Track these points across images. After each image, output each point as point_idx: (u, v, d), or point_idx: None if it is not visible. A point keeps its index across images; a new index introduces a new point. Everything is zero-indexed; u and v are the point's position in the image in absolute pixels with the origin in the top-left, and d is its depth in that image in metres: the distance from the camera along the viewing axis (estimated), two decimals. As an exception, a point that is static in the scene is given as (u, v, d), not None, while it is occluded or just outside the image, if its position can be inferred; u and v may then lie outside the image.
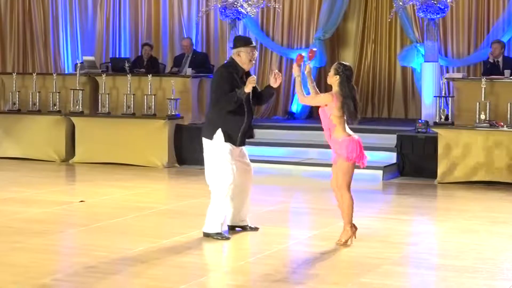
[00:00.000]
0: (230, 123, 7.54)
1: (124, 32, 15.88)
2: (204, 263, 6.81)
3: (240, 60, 7.60)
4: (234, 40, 7.81)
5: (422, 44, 12.97)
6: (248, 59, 7.58)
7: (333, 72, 7.29)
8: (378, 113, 14.86)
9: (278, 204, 9.69)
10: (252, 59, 7.62)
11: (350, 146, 7.29)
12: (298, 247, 7.47)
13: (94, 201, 9.60)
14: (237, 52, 7.61)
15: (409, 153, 11.79)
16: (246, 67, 7.63)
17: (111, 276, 6.31)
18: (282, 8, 14.30)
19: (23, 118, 13.57)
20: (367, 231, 8.00)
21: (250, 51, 7.59)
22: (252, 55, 7.59)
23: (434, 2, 12.16)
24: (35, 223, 8.32)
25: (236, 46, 7.67)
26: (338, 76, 7.25)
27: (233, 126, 7.54)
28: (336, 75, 7.26)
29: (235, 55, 7.63)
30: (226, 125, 7.54)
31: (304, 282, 6.27)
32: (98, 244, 7.37)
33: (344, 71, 7.26)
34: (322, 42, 14.08)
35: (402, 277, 6.54)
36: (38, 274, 6.31)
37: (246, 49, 7.58)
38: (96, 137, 12.97)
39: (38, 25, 16.28)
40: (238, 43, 7.68)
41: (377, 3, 14.82)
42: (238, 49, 7.61)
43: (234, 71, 7.58)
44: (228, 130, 7.52)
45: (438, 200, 10.38)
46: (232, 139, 7.53)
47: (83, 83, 13.60)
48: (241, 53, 7.58)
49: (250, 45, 7.62)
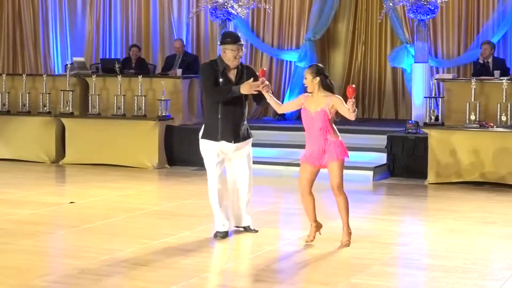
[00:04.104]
0: (211, 119, 7.56)
1: (115, 33, 15.86)
2: (194, 264, 6.80)
3: (225, 56, 7.57)
4: (221, 36, 7.76)
5: (412, 45, 13.00)
6: (233, 56, 7.53)
7: (311, 77, 7.27)
8: (368, 113, 14.88)
9: (269, 204, 9.70)
10: (237, 57, 7.54)
11: (343, 146, 7.42)
12: (288, 248, 7.47)
13: (85, 202, 9.58)
14: (223, 48, 7.60)
15: (399, 154, 11.82)
16: (231, 64, 7.56)
17: (102, 278, 6.30)
18: (272, 9, 14.31)
19: (13, 119, 13.54)
20: (357, 232, 8.01)
21: (236, 48, 7.52)
22: (237, 53, 7.52)
23: (424, 3, 12.19)
24: (25, 224, 8.30)
25: (222, 42, 7.66)
26: (318, 78, 7.26)
27: (213, 122, 7.56)
28: (316, 77, 7.26)
29: (222, 51, 7.64)
30: (207, 121, 7.62)
31: (294, 282, 6.28)
32: (89, 245, 7.36)
33: (320, 70, 7.30)
34: (313, 43, 14.09)
35: (392, 278, 6.55)
36: (29, 276, 6.30)
37: (231, 47, 7.52)
38: (87, 138, 12.95)
39: (28, 26, 16.25)
40: (224, 39, 7.63)
41: (367, 4, 14.85)
42: (224, 46, 7.59)
43: (215, 65, 7.57)
44: (208, 126, 7.57)
45: (428, 201, 10.41)
46: (210, 135, 7.55)
47: (73, 84, 13.58)
48: (227, 50, 7.55)
49: (235, 43, 7.53)
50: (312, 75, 7.25)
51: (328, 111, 7.26)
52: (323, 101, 7.25)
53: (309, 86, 7.29)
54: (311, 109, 7.30)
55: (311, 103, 7.31)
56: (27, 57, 16.31)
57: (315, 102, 7.29)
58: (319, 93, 7.28)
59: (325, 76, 7.30)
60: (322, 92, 7.28)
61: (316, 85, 7.26)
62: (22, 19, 16.28)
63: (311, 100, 7.32)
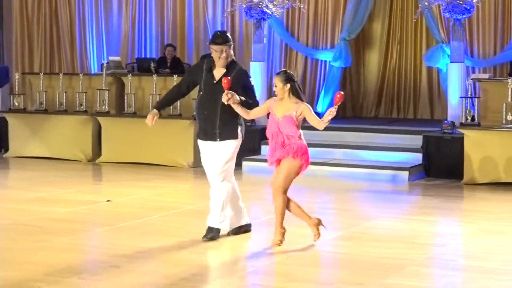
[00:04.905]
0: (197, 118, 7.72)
1: (150, 32, 15.94)
2: (228, 263, 6.82)
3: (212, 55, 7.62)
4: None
5: (448, 44, 12.91)
6: (217, 56, 7.52)
7: (281, 84, 7.28)
8: (403, 114, 14.82)
9: (303, 204, 9.67)
10: (221, 57, 7.50)
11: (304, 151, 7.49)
12: (323, 248, 7.46)
13: (120, 201, 9.65)
14: (210, 48, 7.64)
15: (435, 154, 11.75)
16: (217, 63, 7.56)
17: (137, 275, 6.34)
18: (307, 8, 14.28)
19: (50, 118, 13.66)
20: (392, 232, 8.00)
21: (218, 49, 7.49)
22: (220, 53, 7.49)
23: (460, 2, 12.10)
24: (62, 222, 8.39)
25: (209, 41, 7.71)
26: (289, 84, 7.28)
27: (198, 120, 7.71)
28: (287, 84, 7.27)
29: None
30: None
31: (329, 282, 6.28)
32: (123, 243, 7.41)
33: (290, 77, 7.31)
34: (347, 43, 14.05)
35: (428, 279, 6.52)
36: (65, 273, 6.37)
37: (214, 47, 7.52)
38: (122, 137, 13.04)
39: (64, 25, 16.38)
40: (211, 39, 7.66)
41: (403, 4, 14.78)
42: (210, 46, 7.64)
43: (204, 63, 7.64)
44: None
45: (464, 201, 10.34)
46: (198, 133, 7.68)
47: (109, 83, 13.67)
48: (212, 50, 7.57)
49: (216, 44, 7.50)
50: (282, 82, 7.29)
51: (294, 117, 7.26)
52: (291, 108, 7.28)
53: (279, 93, 7.31)
54: (278, 114, 7.31)
55: (279, 108, 7.33)
56: (64, 56, 16.44)
57: (283, 108, 7.31)
58: (289, 99, 7.31)
59: (294, 82, 7.33)
60: (292, 98, 7.31)
61: (286, 92, 7.29)
62: (59, 18, 16.41)
63: (279, 105, 7.34)
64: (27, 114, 13.95)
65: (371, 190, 10.86)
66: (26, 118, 13.84)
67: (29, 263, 6.66)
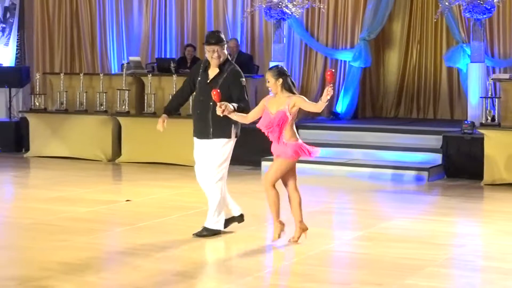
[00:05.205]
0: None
1: (170, 33, 15.98)
2: (248, 264, 6.83)
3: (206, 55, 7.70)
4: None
5: (468, 44, 12.86)
6: (210, 56, 7.61)
7: (273, 79, 7.30)
8: (423, 114, 14.78)
9: (322, 204, 9.70)
10: (214, 57, 7.57)
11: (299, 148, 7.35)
12: (342, 248, 7.47)
13: (140, 201, 9.69)
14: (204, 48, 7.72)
15: (454, 154, 11.71)
16: (211, 63, 7.65)
17: (155, 275, 6.37)
18: (327, 8, 14.27)
19: (70, 118, 13.74)
20: (411, 233, 7.98)
21: (210, 49, 7.57)
22: (212, 53, 7.57)
23: (480, 2, 12.05)
24: (81, 221, 8.43)
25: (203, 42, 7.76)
26: (281, 79, 7.30)
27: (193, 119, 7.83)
28: (279, 79, 7.29)
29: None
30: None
31: (347, 283, 6.28)
32: (143, 243, 7.44)
33: (282, 71, 7.34)
34: (367, 43, 14.03)
35: (447, 279, 6.50)
36: (85, 272, 6.40)
37: (206, 47, 7.62)
38: (142, 137, 13.08)
39: (85, 25, 16.46)
40: (205, 39, 7.72)
41: (423, 3, 14.74)
42: (204, 46, 7.70)
43: (202, 62, 7.74)
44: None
45: (483, 202, 10.30)
46: (193, 132, 7.82)
47: (129, 83, 13.72)
48: (206, 50, 7.65)
49: (208, 44, 7.57)
50: (274, 78, 7.31)
51: (287, 112, 7.26)
52: (284, 102, 7.29)
53: (272, 88, 7.34)
54: (272, 110, 7.34)
55: (273, 104, 7.37)
56: (84, 56, 16.52)
57: (277, 103, 7.34)
58: (282, 94, 7.34)
59: (286, 76, 7.35)
60: (284, 93, 7.34)
61: (279, 87, 7.31)
62: (79, 19, 16.49)
63: (273, 101, 7.38)
64: (47, 114, 14.03)
65: (390, 191, 10.84)
66: (46, 118, 13.92)
67: (49, 262, 6.70)
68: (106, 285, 6.18)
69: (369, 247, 7.36)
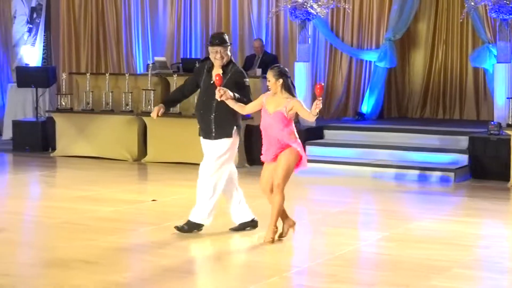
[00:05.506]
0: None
1: (195, 33, 16.02)
2: (273, 263, 6.84)
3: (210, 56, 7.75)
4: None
5: (495, 44, 12.78)
6: (213, 57, 7.68)
7: (274, 79, 7.33)
8: (449, 114, 14.72)
9: (347, 205, 9.68)
10: (217, 58, 7.64)
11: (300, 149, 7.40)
12: (367, 249, 7.45)
13: (165, 201, 9.73)
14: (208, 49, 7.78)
15: (481, 155, 11.64)
16: (214, 64, 7.72)
17: (181, 274, 6.39)
18: (352, 8, 14.24)
19: (96, 118, 13.80)
20: (436, 234, 7.95)
21: (213, 50, 7.65)
22: (215, 54, 7.65)
23: (506, 2, 11.97)
24: (107, 221, 8.48)
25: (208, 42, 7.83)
26: (281, 80, 7.30)
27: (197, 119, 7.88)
28: (279, 79, 7.31)
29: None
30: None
31: (373, 284, 6.26)
32: (169, 243, 7.47)
33: (283, 72, 7.36)
34: (393, 43, 13.99)
35: (473, 281, 6.47)
36: (110, 272, 6.43)
37: (210, 48, 7.70)
38: (168, 137, 13.12)
39: (111, 26, 16.54)
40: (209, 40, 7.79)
41: (448, 4, 14.67)
42: (208, 47, 7.77)
43: (206, 63, 7.79)
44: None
45: (510, 203, 10.24)
46: (199, 132, 7.86)
47: (155, 83, 13.77)
48: (209, 51, 7.72)
49: (212, 45, 7.65)
50: (275, 77, 7.34)
51: (285, 113, 7.27)
52: (282, 103, 7.32)
53: (272, 88, 7.37)
54: (270, 109, 7.36)
55: (271, 103, 7.39)
56: (110, 56, 16.60)
57: (275, 103, 7.36)
58: (281, 95, 7.36)
59: (287, 77, 7.35)
60: (284, 93, 7.36)
61: (279, 87, 7.33)
62: (105, 19, 16.58)
63: (272, 100, 7.40)
64: (74, 113, 14.10)
65: (416, 191, 10.80)
66: (73, 117, 14.00)
67: (74, 261, 6.74)
68: (131, 285, 6.21)
69: (394, 248, 7.34)
